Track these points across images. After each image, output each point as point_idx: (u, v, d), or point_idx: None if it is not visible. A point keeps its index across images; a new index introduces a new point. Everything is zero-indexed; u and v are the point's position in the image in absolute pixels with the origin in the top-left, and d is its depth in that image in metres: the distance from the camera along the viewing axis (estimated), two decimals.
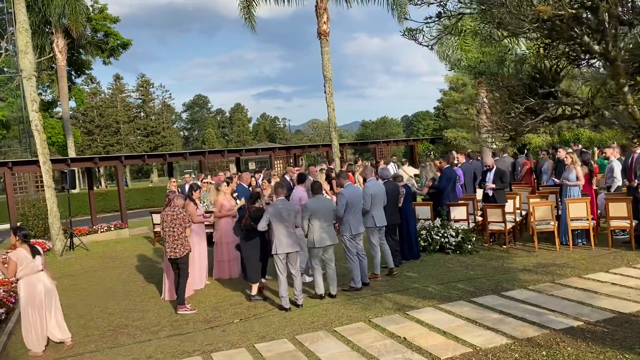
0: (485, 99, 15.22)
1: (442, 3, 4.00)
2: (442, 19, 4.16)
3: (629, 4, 3.85)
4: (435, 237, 10.27)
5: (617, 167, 10.88)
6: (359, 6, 19.24)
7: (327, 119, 18.65)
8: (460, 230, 10.24)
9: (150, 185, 51.52)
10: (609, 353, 5.03)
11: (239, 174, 11.07)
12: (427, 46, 4.22)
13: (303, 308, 7.42)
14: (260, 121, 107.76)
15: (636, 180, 9.61)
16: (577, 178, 10.09)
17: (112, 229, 16.35)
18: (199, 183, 12.27)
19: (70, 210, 14.93)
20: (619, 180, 10.84)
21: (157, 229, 13.65)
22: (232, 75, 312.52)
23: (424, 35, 4.49)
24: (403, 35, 4.46)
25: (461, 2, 4.01)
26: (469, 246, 10.11)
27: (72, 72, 28.67)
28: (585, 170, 10.69)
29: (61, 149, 30.04)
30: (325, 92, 17.71)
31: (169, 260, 8.00)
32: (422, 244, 10.25)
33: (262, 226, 7.38)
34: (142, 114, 76.45)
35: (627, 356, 4.94)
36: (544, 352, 5.20)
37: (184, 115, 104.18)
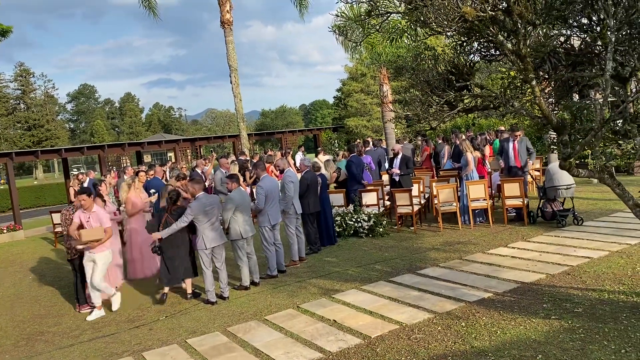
0: (388, 90, 15.95)
1: (372, 1, 4.22)
2: (371, 17, 4.38)
3: (534, 7, 4.32)
4: (349, 222, 10.68)
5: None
6: None
7: (225, 109, 18.66)
8: (372, 215, 10.73)
9: (35, 182, 47.99)
10: (519, 319, 5.63)
11: (155, 167, 10.68)
12: (357, 44, 4.42)
13: (230, 300, 7.45)
14: (154, 111, 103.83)
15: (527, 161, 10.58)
16: (468, 164, 10.97)
17: (5, 231, 15.13)
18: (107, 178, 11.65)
19: None
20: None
21: (58, 229, 12.88)
22: (120, 63, 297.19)
23: (348, 33, 4.71)
24: (332, 31, 4.64)
25: (389, 1, 4.25)
26: (381, 229, 10.65)
27: None
28: (478, 154, 11.63)
29: None
30: (231, 82, 17.50)
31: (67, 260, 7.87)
32: (337, 229, 10.61)
33: (186, 220, 7.25)
34: (23, 105, 70.61)
35: (533, 320, 5.55)
36: (463, 323, 5.70)
37: (69, 106, 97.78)
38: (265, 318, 6.54)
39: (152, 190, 9.46)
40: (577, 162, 10.27)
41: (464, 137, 13.52)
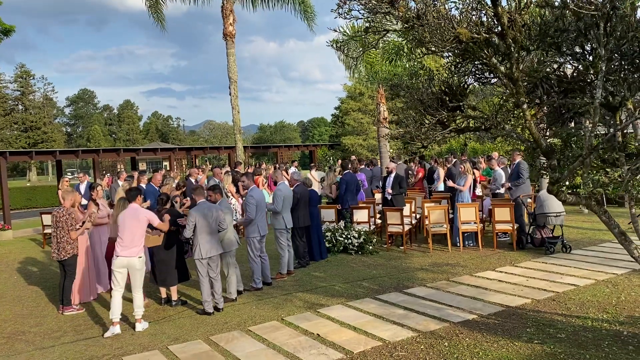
0: (385, 109, 16.07)
1: (369, 19, 4.29)
2: (368, 34, 4.45)
3: (528, 32, 4.40)
4: (339, 238, 10.68)
5: (501, 176, 12.00)
6: (264, 10, 19.35)
7: (224, 121, 18.78)
8: (362, 232, 10.74)
9: (28, 184, 47.78)
10: (502, 342, 5.63)
11: (153, 173, 10.64)
12: (354, 59, 4.49)
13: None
14: (152, 120, 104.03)
15: (508, 184, 10.64)
16: (465, 185, 11.04)
17: None
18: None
19: None
20: (503, 188, 11.94)
21: (48, 230, 12.83)
22: (121, 70, 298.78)
23: (347, 49, 4.79)
24: (329, 46, 4.72)
25: (386, 19, 4.33)
26: (370, 247, 10.65)
27: None
28: (472, 178, 11.71)
29: None
30: (230, 94, 17.62)
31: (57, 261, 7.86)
32: (327, 245, 10.60)
33: (188, 233, 7.20)
34: (21, 107, 70.59)
35: (516, 344, 5.56)
36: (445, 343, 5.69)
37: (67, 110, 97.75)
38: (249, 329, 6.51)
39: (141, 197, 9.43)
40: (570, 191, 10.35)
41: (456, 160, 13.62)
